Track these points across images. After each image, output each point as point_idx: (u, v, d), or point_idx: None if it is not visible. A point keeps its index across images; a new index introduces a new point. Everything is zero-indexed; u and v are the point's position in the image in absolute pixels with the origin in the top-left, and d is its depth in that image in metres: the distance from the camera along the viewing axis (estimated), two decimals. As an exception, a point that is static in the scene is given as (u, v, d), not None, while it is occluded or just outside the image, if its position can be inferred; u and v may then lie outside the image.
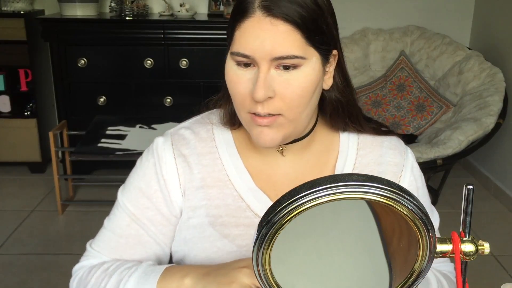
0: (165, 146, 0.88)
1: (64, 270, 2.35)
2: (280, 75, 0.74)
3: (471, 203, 0.61)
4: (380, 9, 3.52)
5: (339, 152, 0.90)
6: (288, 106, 0.76)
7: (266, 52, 0.72)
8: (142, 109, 3.17)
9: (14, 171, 3.37)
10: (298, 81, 0.75)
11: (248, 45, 0.73)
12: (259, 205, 0.85)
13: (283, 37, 0.72)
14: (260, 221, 0.58)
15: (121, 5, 3.26)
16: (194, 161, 0.87)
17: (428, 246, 0.58)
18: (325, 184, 0.54)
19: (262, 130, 0.77)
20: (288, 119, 0.77)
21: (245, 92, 0.76)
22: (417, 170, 0.93)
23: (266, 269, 0.59)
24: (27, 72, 3.23)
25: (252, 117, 0.77)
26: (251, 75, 0.75)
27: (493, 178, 3.23)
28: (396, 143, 0.92)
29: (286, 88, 0.74)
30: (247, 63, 0.75)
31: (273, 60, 0.73)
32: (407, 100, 3.26)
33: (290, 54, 0.73)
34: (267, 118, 0.76)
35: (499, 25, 3.24)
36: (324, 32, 0.76)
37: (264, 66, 0.73)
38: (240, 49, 0.74)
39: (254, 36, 0.72)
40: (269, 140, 0.78)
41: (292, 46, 0.72)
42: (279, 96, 0.75)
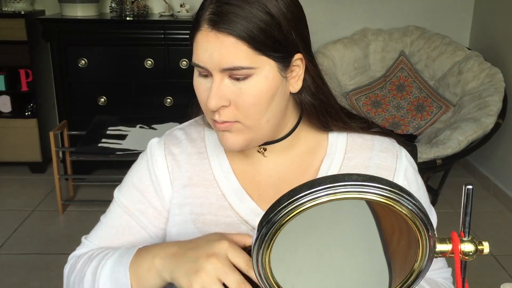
0: (157, 145, 0.93)
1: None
2: (234, 84, 0.76)
3: (471, 203, 0.61)
4: (380, 9, 3.52)
5: (326, 154, 0.89)
6: (243, 114, 0.78)
7: (214, 64, 0.75)
8: (142, 109, 3.17)
9: (15, 171, 3.38)
10: (249, 90, 0.76)
11: (200, 57, 0.76)
12: (242, 205, 0.87)
13: (228, 50, 0.74)
14: (260, 221, 0.58)
15: (122, 6, 3.26)
16: (183, 160, 0.91)
17: (427, 246, 0.58)
18: (325, 184, 0.55)
19: (223, 135, 0.80)
20: (245, 125, 0.79)
21: (204, 100, 0.79)
22: (412, 173, 0.90)
23: (266, 269, 0.59)
24: (28, 72, 3.23)
25: (214, 123, 0.80)
26: (209, 84, 0.78)
27: (493, 178, 3.23)
28: (388, 145, 0.90)
29: (239, 97, 0.77)
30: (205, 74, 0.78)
31: (222, 70, 0.75)
32: (407, 100, 3.26)
33: (236, 66, 0.74)
34: (223, 124, 0.79)
35: (499, 26, 3.24)
36: (278, 40, 0.76)
37: (217, 76, 0.76)
38: (195, 60, 0.77)
39: (203, 49, 0.76)
40: (230, 143, 0.81)
41: (238, 58, 0.74)
42: (234, 104, 0.77)
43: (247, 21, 0.74)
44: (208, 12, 0.75)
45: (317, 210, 0.55)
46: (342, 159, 0.89)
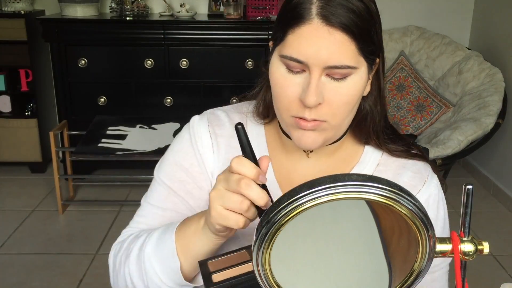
0: (201, 122, 0.90)
1: (64, 270, 2.35)
2: (330, 83, 0.74)
3: (471, 203, 0.61)
4: (380, 9, 3.51)
5: (358, 162, 0.89)
6: (334, 113, 0.76)
7: (320, 60, 0.72)
8: (142, 109, 3.17)
9: (15, 171, 3.38)
10: (347, 90, 0.75)
11: (303, 51, 0.73)
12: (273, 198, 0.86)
13: (338, 47, 0.72)
14: (260, 221, 0.58)
15: (122, 6, 3.26)
16: (224, 142, 0.89)
17: (427, 245, 0.58)
18: (325, 184, 0.55)
19: (304, 133, 0.78)
20: (331, 124, 0.78)
21: (293, 96, 0.76)
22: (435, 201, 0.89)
23: (266, 269, 0.59)
24: (28, 72, 3.23)
25: (297, 121, 0.77)
26: (301, 80, 0.75)
27: (493, 178, 3.23)
28: (421, 168, 0.89)
29: (335, 96, 0.75)
30: (298, 69, 0.75)
31: (326, 68, 0.73)
32: (407, 100, 3.26)
33: (343, 64, 0.73)
34: (312, 122, 0.76)
35: (499, 25, 3.24)
36: (374, 42, 0.76)
37: (317, 73, 0.73)
38: (293, 54, 0.73)
39: (310, 43, 0.72)
40: (311, 142, 0.79)
41: (346, 56, 0.73)
42: (327, 102, 0.75)
43: (355, 16, 0.72)
44: (318, 5, 0.72)
45: (317, 210, 0.55)
46: (373, 171, 0.89)
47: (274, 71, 0.77)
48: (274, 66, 0.77)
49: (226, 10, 3.20)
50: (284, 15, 0.76)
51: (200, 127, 0.90)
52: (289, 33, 0.74)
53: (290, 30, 0.74)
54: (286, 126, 0.81)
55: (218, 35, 3.08)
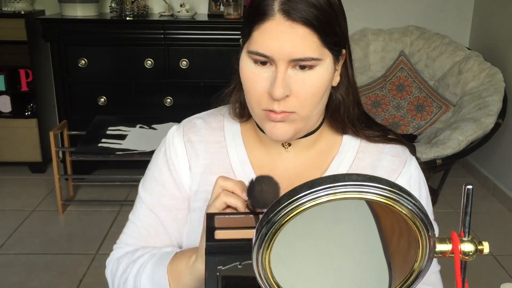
0: (176, 133, 0.93)
1: (64, 270, 2.35)
2: (296, 75, 0.77)
3: (471, 203, 0.61)
4: (380, 9, 3.52)
5: (338, 152, 0.91)
6: (302, 104, 0.78)
7: (285, 54, 0.75)
8: (142, 109, 3.17)
9: (15, 171, 3.38)
10: (312, 81, 0.78)
11: (268, 46, 0.75)
12: None
13: (301, 40, 0.74)
14: (260, 221, 0.58)
15: (122, 6, 3.26)
16: (201, 148, 0.91)
17: (427, 246, 0.58)
18: (325, 184, 0.55)
19: (275, 125, 0.80)
20: (301, 116, 0.80)
21: (261, 89, 0.78)
22: (416, 181, 0.92)
23: (266, 269, 0.59)
24: (28, 72, 3.23)
25: (267, 113, 0.80)
26: (268, 73, 0.77)
27: (493, 178, 3.23)
28: (399, 151, 0.92)
29: (301, 87, 0.77)
30: (264, 62, 0.77)
31: (290, 61, 0.75)
32: (407, 100, 3.26)
33: (307, 56, 0.75)
34: (281, 114, 0.78)
35: (499, 25, 3.24)
36: (337, 34, 0.78)
37: (282, 66, 0.76)
38: (259, 49, 0.76)
39: (273, 38, 0.75)
40: (281, 133, 0.81)
41: (309, 49, 0.75)
42: (294, 94, 0.77)
43: (316, 10, 0.75)
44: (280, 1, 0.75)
45: (317, 210, 0.55)
46: (353, 159, 0.91)
47: (243, 67, 0.80)
48: (243, 62, 0.80)
49: (226, 10, 3.20)
50: (249, 13, 0.78)
51: (174, 137, 0.92)
52: (255, 29, 0.76)
53: (255, 26, 0.76)
54: (259, 120, 0.83)
55: (218, 35, 3.08)
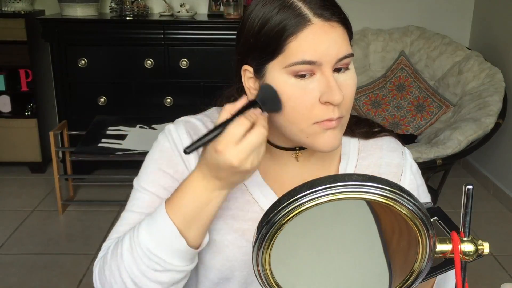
0: (179, 129, 0.88)
1: (64, 270, 2.35)
2: (339, 77, 0.76)
3: (471, 203, 0.61)
4: (380, 9, 3.52)
5: (342, 154, 0.92)
6: (348, 106, 0.78)
7: (332, 55, 0.74)
8: (142, 109, 3.17)
9: (15, 171, 3.38)
10: (352, 80, 0.78)
11: (314, 51, 0.73)
12: (265, 200, 0.87)
13: (341, 38, 0.75)
14: (260, 221, 0.58)
15: (122, 6, 3.26)
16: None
17: (427, 246, 0.58)
18: (325, 184, 0.55)
19: (330, 135, 0.77)
20: (346, 119, 0.79)
21: (312, 102, 0.74)
22: (415, 168, 0.95)
23: (266, 269, 0.59)
24: (28, 72, 3.23)
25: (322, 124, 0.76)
26: (314, 84, 0.74)
27: (493, 178, 3.23)
28: (395, 145, 0.94)
29: (347, 88, 0.77)
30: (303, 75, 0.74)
31: (336, 62, 0.75)
32: (407, 100, 3.26)
33: (349, 53, 0.76)
34: (337, 120, 0.76)
35: (499, 25, 3.24)
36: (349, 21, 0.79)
37: (329, 70, 0.74)
38: (305, 57, 0.73)
39: (319, 41, 0.73)
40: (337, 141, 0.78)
41: (348, 45, 0.77)
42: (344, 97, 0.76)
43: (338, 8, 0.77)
44: (310, 6, 0.74)
45: (317, 210, 0.55)
46: (357, 159, 0.92)
47: (282, 86, 0.75)
48: (279, 81, 0.75)
49: (226, 10, 3.20)
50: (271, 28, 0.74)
51: (179, 134, 0.88)
52: (290, 41, 0.73)
53: (290, 37, 0.73)
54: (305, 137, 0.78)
55: (218, 35, 3.08)
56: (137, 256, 0.76)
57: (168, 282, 0.77)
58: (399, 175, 0.92)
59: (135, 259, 0.76)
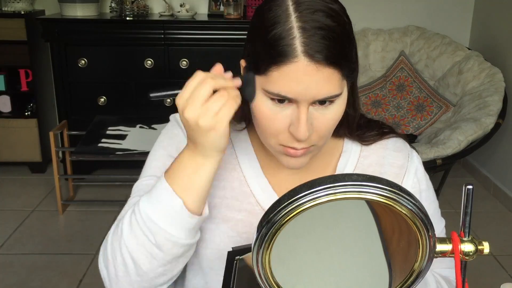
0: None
1: (64, 270, 2.35)
2: (317, 110, 0.74)
3: (471, 203, 0.61)
4: (380, 9, 3.52)
5: (342, 151, 0.91)
6: (321, 137, 0.77)
7: (310, 96, 0.72)
8: (142, 109, 3.17)
9: (15, 171, 3.38)
10: (333, 114, 0.76)
11: (291, 89, 0.71)
12: (262, 193, 0.87)
13: (326, 81, 0.71)
14: (260, 221, 0.58)
15: (122, 6, 3.26)
16: None
17: (427, 246, 0.58)
18: (324, 184, 0.55)
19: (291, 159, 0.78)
20: (318, 146, 0.78)
21: (282, 127, 0.75)
22: (422, 173, 0.92)
23: (266, 269, 0.59)
24: (28, 72, 3.23)
25: (285, 149, 0.77)
26: (288, 111, 0.74)
27: (493, 178, 3.23)
28: (401, 145, 0.92)
29: (322, 122, 0.75)
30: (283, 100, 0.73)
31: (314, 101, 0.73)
32: (407, 100, 3.26)
33: (331, 95, 0.73)
34: (301, 150, 0.76)
35: (499, 26, 3.24)
36: (352, 59, 0.75)
37: (305, 107, 0.73)
38: (281, 91, 0.72)
39: (298, 82, 0.71)
40: (299, 165, 0.79)
41: (333, 87, 0.72)
42: (316, 130, 0.75)
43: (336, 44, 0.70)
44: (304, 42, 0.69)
45: (317, 210, 0.55)
46: (358, 157, 0.90)
47: (259, 105, 0.75)
48: (259, 100, 0.75)
49: (226, 10, 3.20)
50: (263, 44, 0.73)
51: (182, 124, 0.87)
52: (273, 69, 0.71)
53: (274, 66, 0.71)
54: (273, 151, 0.80)
55: (218, 35, 3.08)
56: (136, 226, 0.75)
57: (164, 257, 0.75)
58: (401, 177, 0.90)
59: (134, 231, 0.75)
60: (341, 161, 0.90)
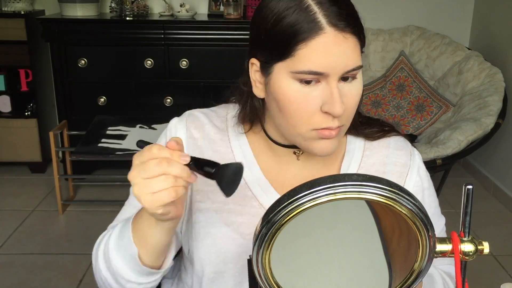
0: (179, 125, 0.90)
1: (64, 270, 2.35)
2: (343, 87, 0.75)
3: (471, 203, 0.61)
4: (380, 9, 3.52)
5: (346, 151, 0.91)
6: (349, 115, 0.78)
7: (339, 68, 0.72)
8: (142, 109, 3.17)
9: (15, 171, 3.38)
10: (357, 90, 0.77)
11: (322, 63, 0.72)
12: (266, 196, 0.87)
13: (352, 50, 0.73)
14: (260, 221, 0.58)
15: (122, 6, 3.26)
16: (205, 145, 0.88)
17: (427, 245, 0.58)
18: (325, 184, 0.55)
19: (327, 142, 0.78)
20: (346, 127, 0.79)
21: (313, 109, 0.75)
22: (424, 171, 0.93)
23: (266, 269, 0.59)
24: (28, 72, 3.23)
25: (320, 132, 0.76)
26: (317, 91, 0.74)
27: (493, 178, 3.23)
28: (403, 144, 0.93)
29: (350, 98, 0.76)
30: (309, 80, 0.74)
31: (343, 73, 0.73)
32: (407, 100, 3.26)
33: (358, 65, 0.74)
34: (336, 130, 0.76)
35: (499, 25, 3.24)
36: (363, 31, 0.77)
37: (335, 81, 0.73)
38: (312, 67, 0.72)
39: (328, 53, 0.71)
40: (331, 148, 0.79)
41: (358, 57, 0.74)
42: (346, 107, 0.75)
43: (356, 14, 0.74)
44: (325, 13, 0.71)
45: (317, 210, 0.55)
46: (361, 157, 0.90)
47: (286, 90, 0.75)
48: (284, 84, 0.75)
49: (226, 10, 3.20)
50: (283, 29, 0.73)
51: (178, 130, 0.89)
52: (301, 47, 0.72)
53: (301, 44, 0.72)
54: (304, 141, 0.79)
55: (218, 35, 3.07)
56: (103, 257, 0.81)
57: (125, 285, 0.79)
58: (404, 176, 0.90)
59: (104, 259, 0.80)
60: (345, 161, 0.90)
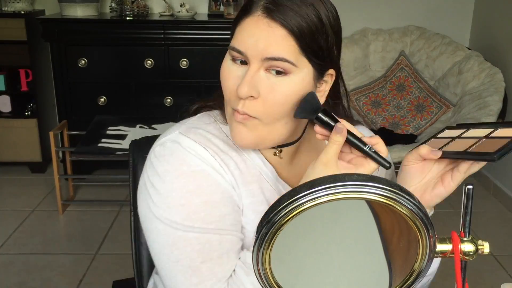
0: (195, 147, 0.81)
1: (64, 270, 2.35)
2: (268, 78, 0.75)
3: (471, 203, 0.61)
4: (380, 9, 3.52)
5: None
6: (267, 110, 0.77)
7: (258, 51, 0.74)
8: (142, 109, 3.17)
9: (15, 171, 3.38)
10: (283, 88, 0.76)
11: (243, 42, 0.75)
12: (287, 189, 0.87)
13: (277, 40, 0.74)
14: (260, 221, 0.58)
15: (122, 5, 3.26)
16: (225, 158, 0.83)
17: (428, 245, 0.58)
18: (324, 184, 0.55)
19: (237, 127, 0.79)
20: (264, 123, 0.78)
21: (233, 87, 0.77)
22: None
23: (266, 269, 0.59)
24: (28, 72, 3.23)
25: (233, 112, 0.79)
26: (241, 72, 0.77)
27: (493, 178, 3.23)
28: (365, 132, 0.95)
29: (270, 92, 0.76)
30: (243, 61, 0.77)
31: (264, 60, 0.74)
32: (407, 100, 3.26)
33: (281, 57, 0.74)
34: (243, 115, 0.77)
35: (499, 25, 3.24)
36: (321, 47, 0.77)
37: (255, 65, 0.75)
38: (235, 44, 0.76)
39: (250, 34, 0.75)
40: (242, 138, 0.79)
41: (284, 50, 0.74)
42: (262, 98, 0.76)
43: (300, 18, 0.74)
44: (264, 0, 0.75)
45: (317, 210, 0.55)
46: None
47: (223, 64, 0.80)
48: (224, 59, 0.80)
49: (226, 10, 3.20)
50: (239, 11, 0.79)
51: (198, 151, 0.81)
52: (238, 25, 0.77)
53: (239, 22, 0.77)
54: (228, 120, 0.82)
55: (218, 35, 3.07)
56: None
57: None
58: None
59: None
60: None
